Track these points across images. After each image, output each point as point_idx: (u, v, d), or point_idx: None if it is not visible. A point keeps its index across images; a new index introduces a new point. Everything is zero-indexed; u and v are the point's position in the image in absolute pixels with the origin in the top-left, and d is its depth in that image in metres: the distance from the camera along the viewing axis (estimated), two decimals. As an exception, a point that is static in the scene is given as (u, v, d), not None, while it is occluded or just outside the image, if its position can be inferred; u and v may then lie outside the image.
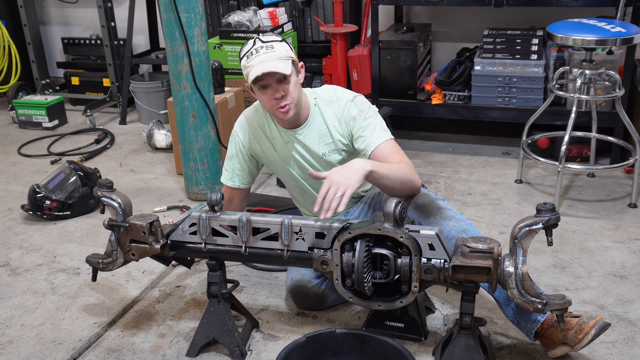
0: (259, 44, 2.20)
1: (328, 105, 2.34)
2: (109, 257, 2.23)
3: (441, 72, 4.00)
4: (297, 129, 2.34)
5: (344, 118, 2.31)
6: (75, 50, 5.30)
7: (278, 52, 2.19)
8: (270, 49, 2.18)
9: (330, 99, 2.35)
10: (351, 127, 2.30)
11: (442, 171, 3.69)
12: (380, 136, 2.26)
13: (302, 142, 2.36)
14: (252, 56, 2.19)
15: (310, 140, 2.35)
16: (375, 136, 2.26)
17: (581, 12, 3.83)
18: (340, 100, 2.33)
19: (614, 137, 3.46)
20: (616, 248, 2.81)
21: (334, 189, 1.95)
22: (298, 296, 2.43)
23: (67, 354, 2.26)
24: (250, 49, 2.21)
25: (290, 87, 2.20)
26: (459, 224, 2.17)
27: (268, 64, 2.16)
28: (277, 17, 4.16)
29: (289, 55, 2.21)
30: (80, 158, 4.05)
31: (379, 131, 2.27)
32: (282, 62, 2.17)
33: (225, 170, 2.52)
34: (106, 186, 2.18)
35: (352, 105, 2.31)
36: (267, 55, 2.17)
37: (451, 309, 2.42)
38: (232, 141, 2.49)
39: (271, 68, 2.15)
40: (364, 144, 2.27)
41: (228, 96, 3.63)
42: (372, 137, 2.26)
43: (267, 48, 2.18)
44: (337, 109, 2.33)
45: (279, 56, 2.18)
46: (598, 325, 1.98)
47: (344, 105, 2.32)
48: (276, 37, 2.25)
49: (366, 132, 2.27)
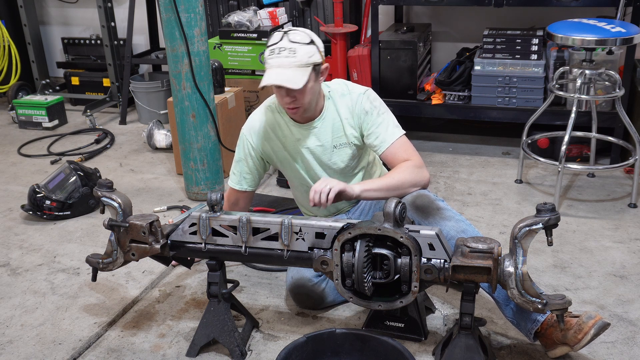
0: (285, 43, 2.16)
1: (341, 98, 2.36)
2: (109, 257, 2.23)
3: (441, 72, 4.00)
4: (312, 122, 2.36)
5: (356, 110, 2.33)
6: (75, 50, 5.29)
7: (299, 58, 2.15)
8: (291, 54, 2.14)
9: (342, 92, 2.36)
10: (362, 120, 2.32)
11: (442, 171, 3.69)
12: (394, 133, 2.31)
13: (316, 135, 2.36)
14: (274, 54, 2.16)
15: (323, 134, 2.36)
16: (389, 133, 2.30)
17: (581, 12, 3.84)
18: (352, 93, 2.35)
19: (614, 137, 3.46)
20: (616, 248, 2.81)
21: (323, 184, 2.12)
22: (298, 295, 2.43)
23: (67, 354, 2.26)
24: (275, 44, 2.18)
25: (302, 94, 2.20)
26: (459, 224, 2.17)
27: (283, 72, 2.14)
28: (277, 17, 4.16)
29: (310, 62, 2.17)
30: (80, 158, 4.05)
31: (392, 128, 2.31)
32: (299, 72, 2.14)
33: (233, 174, 2.50)
34: (106, 186, 2.18)
35: (364, 98, 2.33)
36: (286, 60, 2.14)
37: (451, 309, 2.42)
38: (240, 144, 2.47)
39: (281, 82, 2.13)
40: (377, 140, 2.31)
41: (228, 96, 3.63)
42: (386, 134, 2.29)
43: (289, 51, 2.15)
44: (349, 101, 2.34)
45: (298, 63, 2.15)
46: (597, 325, 1.98)
47: (357, 98, 2.33)
48: (305, 37, 2.19)
49: (380, 129, 2.30)
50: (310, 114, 2.33)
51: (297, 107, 2.23)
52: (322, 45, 2.25)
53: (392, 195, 2.19)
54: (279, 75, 2.14)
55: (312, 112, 2.33)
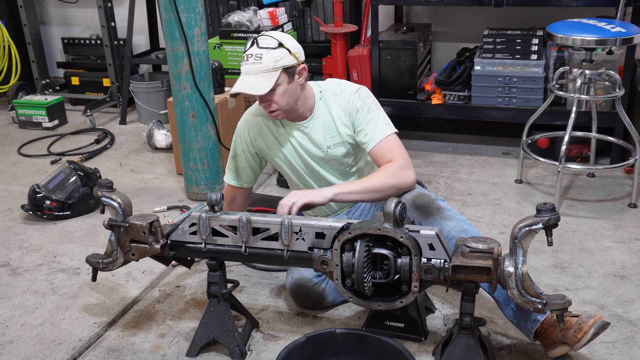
0: (253, 50, 2.21)
1: (333, 98, 2.36)
2: (109, 257, 2.22)
3: (441, 72, 4.00)
4: (303, 122, 2.36)
5: (349, 109, 2.34)
6: (75, 50, 5.30)
7: (265, 64, 2.18)
8: (257, 60, 2.19)
9: (335, 92, 2.37)
10: (354, 118, 2.33)
11: (442, 171, 3.69)
12: (382, 131, 2.31)
13: (308, 135, 2.37)
14: (244, 62, 2.23)
15: (316, 133, 2.36)
16: (378, 131, 2.30)
17: (581, 12, 3.84)
18: (344, 92, 2.36)
19: (614, 137, 3.46)
20: (616, 248, 2.81)
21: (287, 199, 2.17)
22: (298, 295, 2.43)
23: (67, 354, 2.26)
24: (246, 51, 2.24)
25: (276, 97, 2.23)
26: (459, 224, 2.17)
27: (249, 79, 2.19)
28: (277, 17, 4.16)
29: (278, 66, 2.19)
30: (80, 158, 4.05)
31: (381, 126, 2.31)
32: (263, 78, 2.18)
33: (229, 170, 2.52)
34: (106, 186, 2.18)
35: (356, 97, 2.33)
36: (252, 67, 2.20)
37: (451, 309, 2.42)
38: (236, 140, 2.49)
39: (243, 89, 2.19)
40: (365, 137, 2.31)
41: (228, 96, 3.62)
42: (375, 132, 2.30)
43: (255, 58, 2.19)
44: (342, 100, 2.35)
45: (264, 69, 2.18)
46: (597, 324, 1.98)
47: (349, 96, 2.34)
48: (272, 41, 2.21)
49: (369, 127, 2.31)
50: (299, 114, 2.34)
51: (273, 110, 2.27)
52: (296, 46, 2.26)
53: (370, 197, 2.25)
54: (243, 82, 2.20)
55: (301, 113, 2.34)
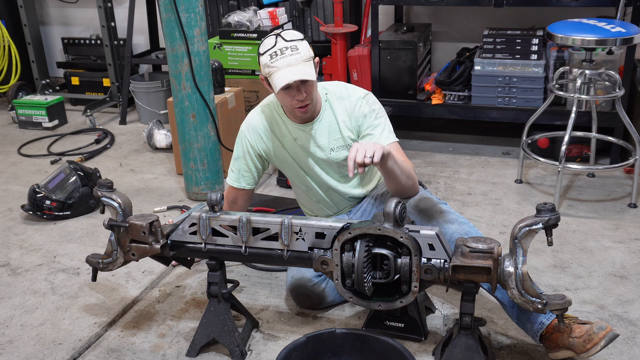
0: (283, 44, 2.17)
1: (339, 101, 2.36)
2: (109, 257, 2.23)
3: (441, 72, 4.00)
4: (309, 123, 2.36)
5: (355, 114, 2.34)
6: (75, 50, 5.30)
7: (303, 53, 2.17)
8: (295, 51, 2.16)
9: (341, 95, 2.37)
10: (360, 123, 2.33)
11: (442, 171, 3.69)
12: (388, 137, 2.32)
13: (312, 136, 2.37)
14: (277, 57, 2.16)
15: (320, 135, 2.36)
16: (384, 137, 2.31)
17: (581, 12, 3.83)
18: (351, 96, 2.35)
19: (614, 137, 3.46)
20: (616, 248, 2.81)
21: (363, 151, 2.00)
22: (298, 295, 2.43)
23: (67, 354, 2.26)
24: (273, 48, 2.18)
25: (312, 88, 2.22)
26: (462, 227, 2.17)
27: (296, 69, 2.14)
28: (277, 17, 4.16)
29: (311, 55, 2.21)
30: (80, 158, 4.05)
31: (387, 132, 2.33)
32: (307, 66, 2.16)
33: (231, 172, 2.51)
34: (106, 186, 2.18)
35: (364, 102, 2.33)
36: (293, 58, 2.15)
37: (451, 309, 2.42)
38: (239, 142, 2.48)
39: (301, 76, 2.14)
40: (371, 141, 2.30)
41: (228, 96, 3.63)
42: (381, 138, 2.30)
43: (292, 50, 2.16)
44: (348, 104, 2.35)
45: (304, 58, 2.17)
46: (608, 336, 1.95)
47: (356, 101, 2.34)
48: (297, 34, 2.22)
49: (375, 131, 2.31)
50: (310, 114, 2.33)
51: (308, 103, 2.24)
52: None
53: (400, 179, 2.21)
54: (294, 72, 2.14)
55: (312, 112, 2.33)
